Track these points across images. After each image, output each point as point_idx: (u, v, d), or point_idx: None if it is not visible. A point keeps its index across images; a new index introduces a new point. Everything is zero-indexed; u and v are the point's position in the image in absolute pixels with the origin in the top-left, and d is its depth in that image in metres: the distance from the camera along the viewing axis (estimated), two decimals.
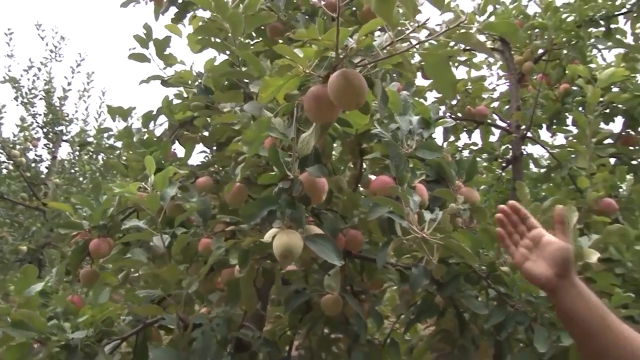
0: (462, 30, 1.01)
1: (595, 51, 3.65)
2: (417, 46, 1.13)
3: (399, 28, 1.13)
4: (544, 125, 3.64)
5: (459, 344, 1.97)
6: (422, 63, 1.90)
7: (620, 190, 4.06)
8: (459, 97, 3.22)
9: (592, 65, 3.91)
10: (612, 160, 4.13)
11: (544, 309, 1.84)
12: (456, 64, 3.04)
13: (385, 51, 1.16)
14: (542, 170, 3.29)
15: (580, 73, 2.84)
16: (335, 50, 1.13)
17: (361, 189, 2.06)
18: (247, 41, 2.41)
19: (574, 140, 2.88)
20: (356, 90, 1.13)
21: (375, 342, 2.06)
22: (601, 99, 3.71)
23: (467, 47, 3.53)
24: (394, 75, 2.03)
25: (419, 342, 2.77)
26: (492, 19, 3.58)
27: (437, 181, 1.80)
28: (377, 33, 1.36)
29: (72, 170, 7.09)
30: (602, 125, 4.19)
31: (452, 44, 2.45)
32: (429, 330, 2.61)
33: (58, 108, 6.86)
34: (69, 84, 6.91)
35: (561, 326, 1.86)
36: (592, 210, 2.79)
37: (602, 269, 1.94)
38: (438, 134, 2.98)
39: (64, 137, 6.98)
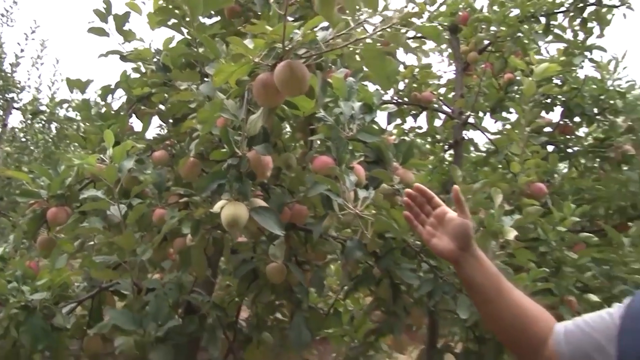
0: (393, 31, 1.15)
1: (541, 44, 3.87)
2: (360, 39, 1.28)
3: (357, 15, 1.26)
4: (488, 112, 3.86)
5: (391, 311, 2.16)
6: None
7: (556, 175, 4.33)
8: (407, 82, 3.39)
9: (537, 57, 4.15)
10: (551, 148, 4.40)
11: None
12: (406, 51, 3.20)
13: (327, 44, 1.30)
14: (482, 155, 3.51)
15: (518, 66, 3.04)
16: (282, 43, 1.26)
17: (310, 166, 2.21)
18: (204, 21, 2.50)
19: (510, 128, 3.10)
20: (299, 79, 1.28)
21: (316, 309, 2.22)
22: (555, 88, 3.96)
23: (418, 35, 3.70)
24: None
25: (359, 312, 2.97)
26: (443, 8, 3.76)
27: (376, 162, 1.96)
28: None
29: (24, 139, 7.00)
30: (543, 114, 4.45)
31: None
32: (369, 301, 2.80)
33: (9, 75, 6.74)
34: (22, 50, 6.80)
35: None
36: (524, 193, 3.01)
37: (522, 246, 2.15)
38: (383, 118, 3.15)
39: (15, 105, 6.88)
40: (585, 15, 3.57)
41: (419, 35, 3.73)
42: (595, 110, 4.23)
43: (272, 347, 2.28)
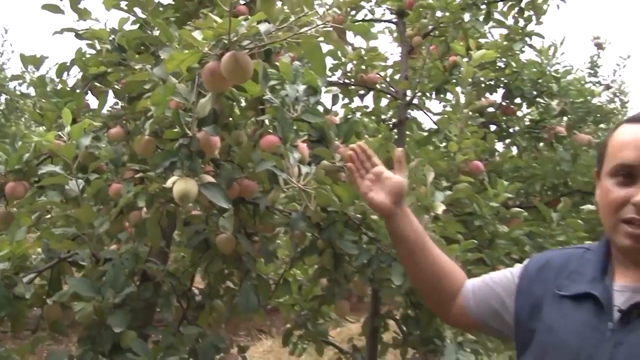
0: (324, 30, 1.31)
1: (486, 28, 4.09)
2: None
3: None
4: (433, 93, 4.07)
5: (334, 279, 2.35)
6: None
7: (497, 154, 4.59)
8: (355, 63, 3.56)
9: (483, 40, 4.36)
10: (493, 128, 4.65)
11: None
12: (354, 34, 3.36)
13: (269, 36, 1.46)
14: (424, 134, 3.72)
15: (458, 51, 3.23)
16: (228, 35, 1.41)
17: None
18: (158, 1, 2.59)
19: (450, 109, 3.31)
20: (243, 69, 1.43)
21: (264, 277, 2.39)
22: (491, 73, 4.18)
23: (367, 19, 3.85)
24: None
25: (307, 281, 3.16)
26: None
27: (319, 141, 2.13)
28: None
29: None
30: (488, 95, 4.70)
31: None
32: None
33: None
34: None
35: None
36: (462, 170, 3.23)
37: (453, 219, 2.36)
38: (329, 99, 3.31)
39: None
40: (522, 5, 3.79)
41: (367, 18, 3.91)
42: (534, 93, 4.50)
43: (223, 313, 2.44)
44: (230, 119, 2.14)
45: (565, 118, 4.48)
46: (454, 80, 3.88)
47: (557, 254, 1.42)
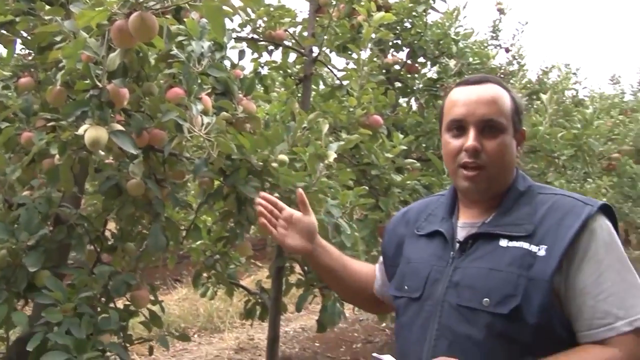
0: None
1: None
2: None
3: None
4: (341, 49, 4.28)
5: (237, 220, 2.57)
6: None
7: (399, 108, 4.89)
8: (265, 19, 3.70)
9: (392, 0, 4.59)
10: (398, 84, 4.94)
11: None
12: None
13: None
14: (328, 89, 3.96)
15: (361, 12, 3.45)
16: None
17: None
18: None
19: (353, 66, 3.54)
20: (149, 28, 1.59)
21: (173, 220, 2.57)
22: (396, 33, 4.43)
23: None
24: None
25: (213, 226, 3.36)
26: None
27: (224, 94, 2.31)
28: None
29: None
30: (394, 53, 4.98)
31: None
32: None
33: None
34: None
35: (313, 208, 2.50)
36: (362, 124, 3.49)
37: (344, 167, 2.62)
38: (235, 54, 3.46)
39: None
40: None
41: None
42: (437, 53, 4.81)
43: (135, 254, 2.61)
44: (142, 71, 2.27)
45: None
46: (361, 39, 4.11)
47: (419, 202, 1.74)
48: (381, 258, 1.75)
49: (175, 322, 5.74)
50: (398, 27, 4.65)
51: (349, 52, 4.26)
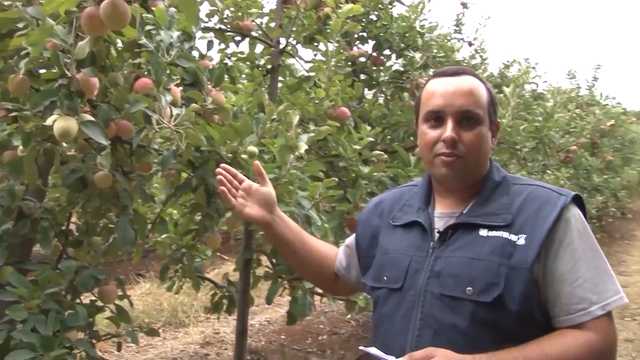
0: None
1: None
2: None
3: None
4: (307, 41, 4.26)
5: (206, 213, 2.54)
6: None
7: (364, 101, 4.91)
8: (233, 9, 3.65)
9: None
10: (363, 76, 4.95)
11: None
12: None
13: None
14: (295, 80, 3.94)
15: (329, 4, 3.43)
16: None
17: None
18: None
19: (321, 58, 3.53)
20: (121, 15, 1.54)
21: (140, 213, 2.52)
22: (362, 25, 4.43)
23: None
24: None
25: (181, 218, 3.31)
26: None
27: (193, 85, 2.27)
28: None
29: None
30: (360, 45, 4.98)
31: None
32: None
33: None
34: None
35: (283, 199, 2.49)
36: (330, 115, 3.48)
37: (314, 159, 2.61)
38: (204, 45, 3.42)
39: None
40: None
41: None
42: (402, 46, 4.83)
43: (101, 248, 2.55)
44: (107, 61, 2.21)
45: (430, 71, 4.89)
46: (328, 31, 4.10)
47: (392, 192, 1.75)
48: (347, 241, 1.77)
49: (139, 318, 5.65)
50: (364, 20, 4.65)
51: (315, 44, 4.27)
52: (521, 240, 1.34)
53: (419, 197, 1.59)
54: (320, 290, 3.03)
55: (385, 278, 1.51)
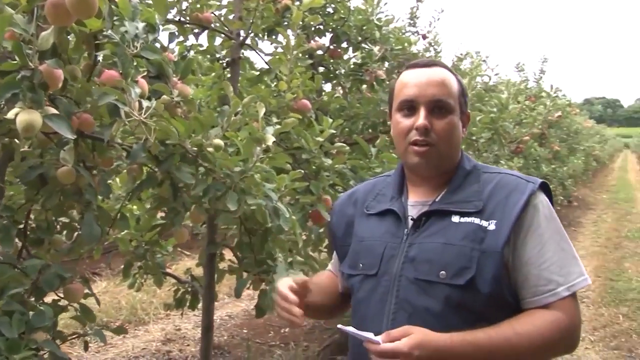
0: None
1: None
2: None
3: None
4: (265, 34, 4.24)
5: (172, 207, 2.50)
6: None
7: (324, 93, 4.92)
8: (190, 1, 3.60)
9: None
10: (322, 69, 4.96)
11: (238, 180, 2.44)
12: None
13: None
14: (256, 73, 3.91)
15: None
16: None
17: (97, 79, 2.38)
18: None
19: (281, 51, 3.52)
20: (89, 5, 1.50)
21: (104, 209, 2.46)
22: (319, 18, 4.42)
23: None
24: None
25: (144, 214, 3.26)
26: None
27: (158, 77, 2.22)
28: None
29: None
30: (317, 38, 4.98)
31: None
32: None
33: None
34: None
35: (251, 192, 2.48)
36: (291, 108, 3.48)
37: (282, 151, 2.60)
38: (166, 37, 3.36)
39: None
40: None
41: None
42: (359, 39, 4.86)
43: (62, 248, 2.48)
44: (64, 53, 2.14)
45: (386, 63, 4.94)
46: (285, 23, 4.08)
47: (365, 183, 1.80)
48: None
49: (97, 316, 5.53)
50: (321, 12, 4.65)
51: (274, 37, 4.25)
52: (492, 225, 1.40)
53: (392, 187, 1.62)
54: None
55: (361, 265, 1.54)
